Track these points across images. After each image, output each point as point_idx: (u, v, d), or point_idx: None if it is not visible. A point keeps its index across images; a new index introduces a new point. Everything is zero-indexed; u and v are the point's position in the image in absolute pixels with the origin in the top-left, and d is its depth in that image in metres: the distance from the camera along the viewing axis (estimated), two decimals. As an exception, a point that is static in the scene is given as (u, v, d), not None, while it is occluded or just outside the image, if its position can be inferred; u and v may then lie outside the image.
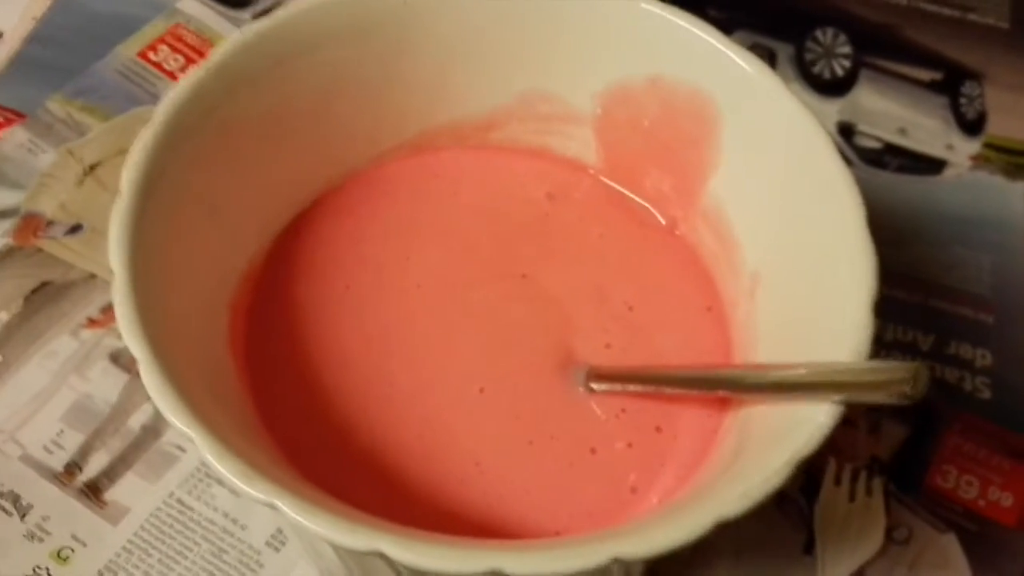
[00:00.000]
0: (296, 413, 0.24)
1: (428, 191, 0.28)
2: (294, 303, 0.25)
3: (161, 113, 0.22)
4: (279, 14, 0.24)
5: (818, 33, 0.41)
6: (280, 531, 0.29)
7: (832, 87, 0.41)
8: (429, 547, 0.17)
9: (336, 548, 0.22)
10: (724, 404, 0.24)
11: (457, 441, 0.24)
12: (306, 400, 0.24)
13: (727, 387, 0.23)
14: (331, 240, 0.27)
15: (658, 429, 0.24)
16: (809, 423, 0.19)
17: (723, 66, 0.25)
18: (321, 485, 0.22)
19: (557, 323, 0.26)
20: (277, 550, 0.28)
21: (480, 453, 0.23)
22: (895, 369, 0.19)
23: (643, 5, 0.25)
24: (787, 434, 0.20)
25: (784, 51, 0.41)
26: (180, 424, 0.18)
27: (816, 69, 0.41)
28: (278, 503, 0.18)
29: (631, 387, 0.24)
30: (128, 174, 0.21)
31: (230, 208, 0.24)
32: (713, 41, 0.25)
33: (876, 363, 0.20)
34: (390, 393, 0.24)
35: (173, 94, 0.23)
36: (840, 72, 0.41)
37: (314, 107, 0.26)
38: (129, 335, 0.19)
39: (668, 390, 0.24)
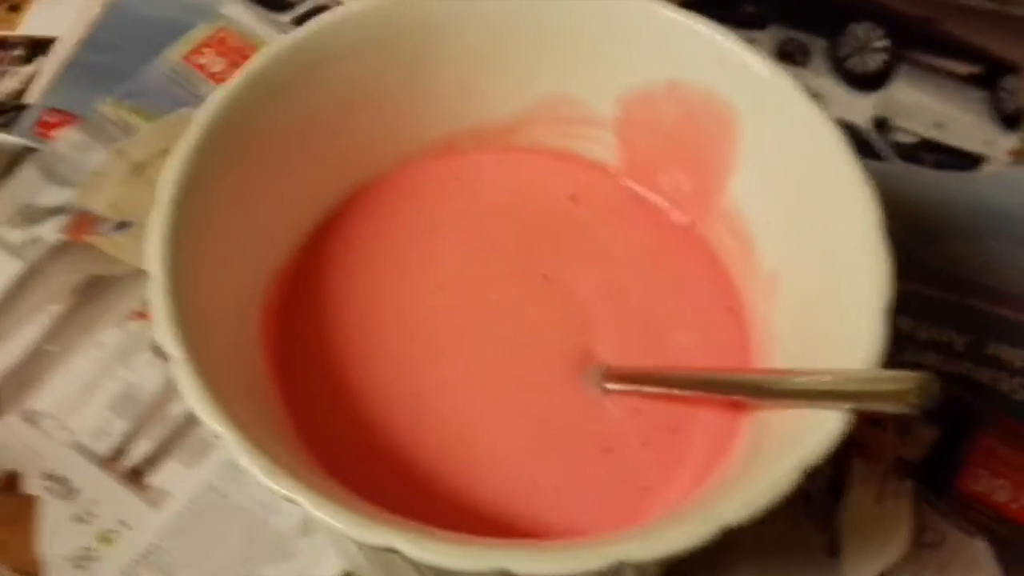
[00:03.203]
0: (322, 410, 0.25)
1: (452, 193, 0.28)
2: (322, 303, 0.26)
3: (199, 122, 0.23)
4: (310, 25, 0.25)
5: (853, 27, 0.41)
6: (308, 520, 0.30)
7: (867, 81, 0.40)
8: (441, 545, 0.18)
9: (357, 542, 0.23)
10: (740, 405, 0.24)
11: (475, 439, 0.24)
12: (332, 398, 0.25)
13: (738, 391, 0.23)
14: (358, 241, 0.27)
15: (673, 429, 0.24)
16: (818, 430, 0.20)
17: (739, 70, 0.25)
18: (345, 481, 0.22)
19: (576, 323, 0.26)
20: (309, 538, 0.30)
21: (497, 451, 0.24)
22: (902, 379, 0.19)
23: (659, 10, 0.25)
24: (796, 441, 0.20)
25: (818, 45, 0.41)
26: (209, 421, 0.19)
27: (850, 63, 0.40)
28: (299, 499, 0.19)
29: (646, 388, 0.24)
30: (167, 179, 0.22)
31: (262, 210, 0.25)
32: (729, 45, 0.25)
33: (884, 372, 0.20)
34: (413, 391, 0.25)
35: (210, 103, 0.24)
36: (875, 66, 0.40)
37: (342, 112, 0.27)
38: (163, 334, 0.20)
39: (682, 392, 0.24)
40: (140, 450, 0.31)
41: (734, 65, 0.24)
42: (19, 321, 0.34)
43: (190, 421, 0.32)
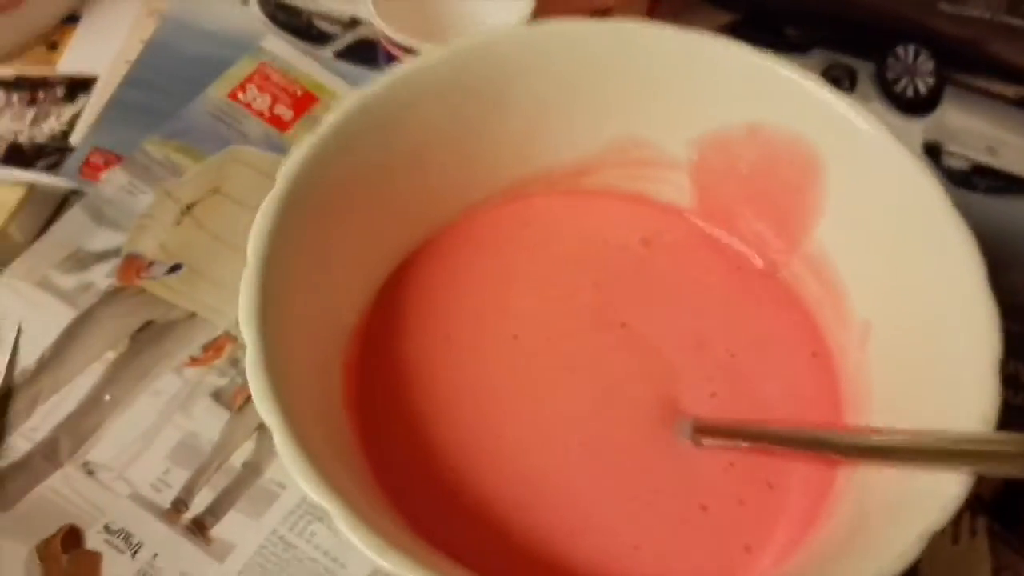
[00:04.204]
0: (405, 466, 0.24)
1: (521, 239, 0.28)
2: (398, 356, 0.26)
3: (281, 182, 0.23)
4: (386, 78, 0.25)
5: (899, 50, 0.40)
6: (378, 571, 0.29)
7: (916, 105, 0.40)
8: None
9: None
10: (837, 460, 0.24)
11: (564, 495, 0.24)
12: (414, 453, 0.25)
13: (843, 452, 0.23)
14: (430, 291, 0.27)
15: (770, 485, 0.24)
16: (939, 495, 0.19)
17: (826, 115, 0.24)
18: (430, 537, 0.22)
19: (659, 373, 0.26)
20: (378, 589, 0.29)
21: (588, 508, 0.24)
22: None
23: (742, 53, 0.25)
24: (915, 506, 0.19)
25: (865, 69, 0.40)
26: (317, 496, 0.19)
27: (899, 87, 0.40)
28: None
29: (742, 443, 0.24)
30: (254, 243, 0.22)
31: (338, 264, 0.25)
32: (816, 90, 0.24)
33: (1010, 435, 0.19)
34: (496, 445, 0.25)
35: (291, 162, 0.23)
36: (924, 90, 0.40)
37: (414, 161, 0.26)
38: (263, 406, 0.20)
39: (780, 449, 0.24)
40: (202, 501, 0.31)
41: (821, 110, 0.24)
42: (74, 370, 0.33)
43: (252, 470, 0.31)
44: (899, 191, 0.23)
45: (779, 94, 0.25)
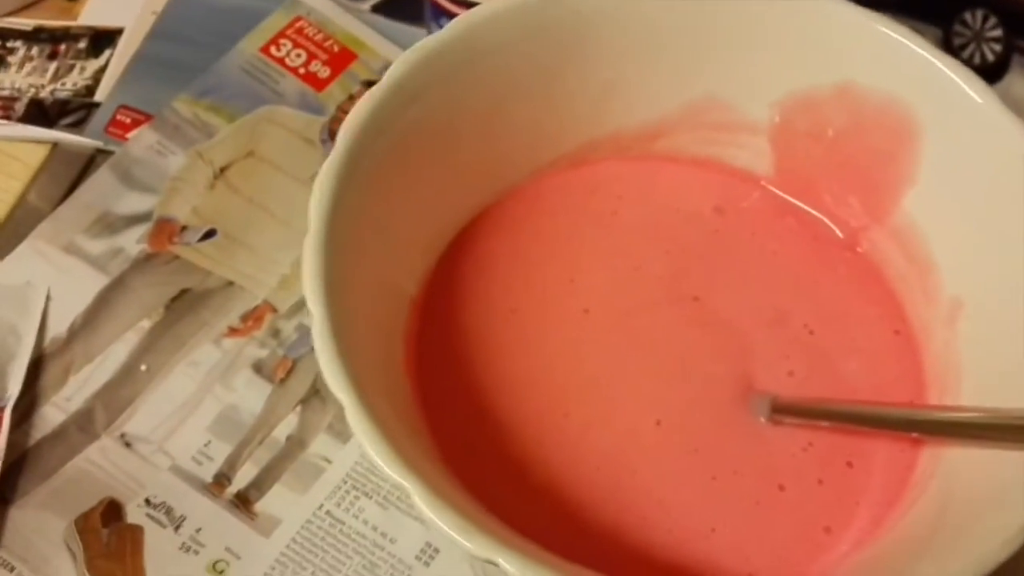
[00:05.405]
0: (469, 444, 0.23)
1: (589, 206, 0.27)
2: (461, 328, 0.25)
3: (343, 139, 0.21)
4: (449, 30, 0.23)
5: (967, 15, 0.39)
6: (429, 544, 0.28)
7: (983, 74, 0.38)
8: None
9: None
10: (919, 439, 0.23)
11: (637, 476, 0.23)
12: (479, 430, 0.23)
13: (932, 431, 0.22)
14: (493, 261, 0.26)
15: (849, 464, 0.23)
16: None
17: (926, 75, 0.23)
18: (499, 518, 0.21)
19: (734, 349, 0.24)
20: (427, 564, 0.28)
21: (661, 489, 0.23)
22: None
23: (836, 6, 0.23)
24: (1019, 489, 0.18)
25: (931, 35, 0.39)
26: (396, 475, 0.18)
27: (966, 54, 0.38)
28: (500, 561, 0.17)
29: (821, 422, 0.23)
30: (317, 205, 0.20)
31: (398, 229, 0.24)
32: (915, 47, 0.23)
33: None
34: (564, 424, 0.23)
35: (352, 118, 0.22)
36: (991, 57, 0.38)
37: (478, 119, 0.25)
38: (334, 380, 0.19)
39: (862, 428, 0.23)
40: (246, 475, 0.30)
41: (921, 70, 0.22)
42: (107, 338, 0.32)
43: (296, 444, 0.30)
44: (1002, 160, 0.22)
45: (874, 52, 0.23)
